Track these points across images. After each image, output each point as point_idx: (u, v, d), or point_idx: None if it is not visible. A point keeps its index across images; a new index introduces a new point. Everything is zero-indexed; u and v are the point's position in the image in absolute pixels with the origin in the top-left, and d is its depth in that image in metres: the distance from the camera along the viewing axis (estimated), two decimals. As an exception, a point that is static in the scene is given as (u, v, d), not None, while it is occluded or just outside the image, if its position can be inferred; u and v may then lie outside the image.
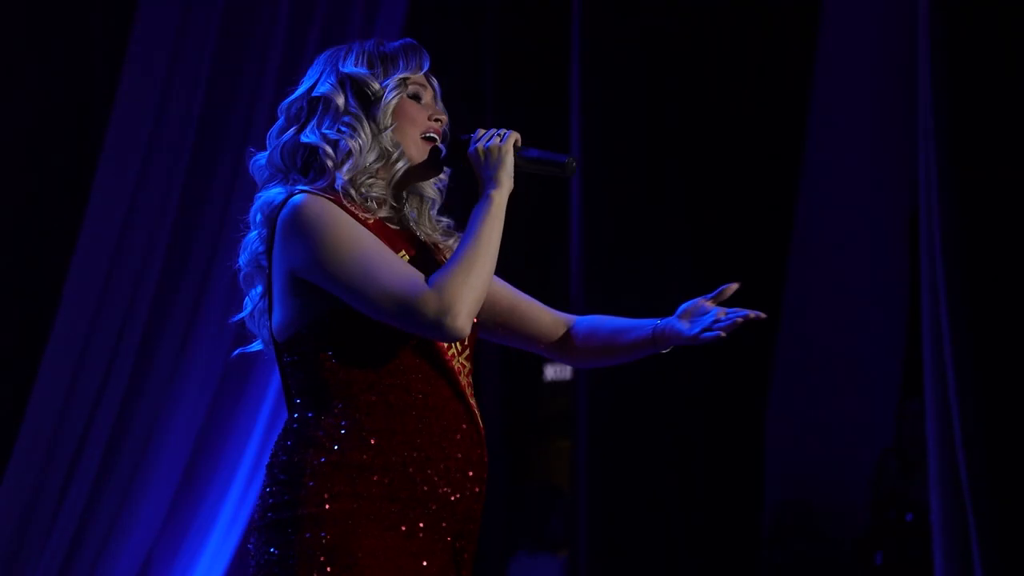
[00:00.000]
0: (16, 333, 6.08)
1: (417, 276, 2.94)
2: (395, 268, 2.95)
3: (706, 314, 3.24)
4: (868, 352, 7.31)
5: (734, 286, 3.27)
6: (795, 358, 7.27)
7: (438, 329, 2.93)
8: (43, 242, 6.15)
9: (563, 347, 3.32)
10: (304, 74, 3.20)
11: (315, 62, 3.19)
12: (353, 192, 3.06)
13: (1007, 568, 4.87)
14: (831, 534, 7.19)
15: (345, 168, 3.06)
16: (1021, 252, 5.04)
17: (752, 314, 3.19)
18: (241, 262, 3.14)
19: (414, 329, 2.96)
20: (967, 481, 4.90)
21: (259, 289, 3.13)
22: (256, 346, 3.19)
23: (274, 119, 5.87)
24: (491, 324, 3.27)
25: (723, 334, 3.18)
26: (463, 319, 2.92)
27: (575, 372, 6.97)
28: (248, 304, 3.16)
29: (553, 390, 9.11)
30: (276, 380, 5.97)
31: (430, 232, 3.19)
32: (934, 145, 5.02)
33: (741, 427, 7.24)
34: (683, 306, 3.27)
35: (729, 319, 3.19)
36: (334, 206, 3.01)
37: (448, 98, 3.27)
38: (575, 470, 6.90)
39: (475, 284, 2.94)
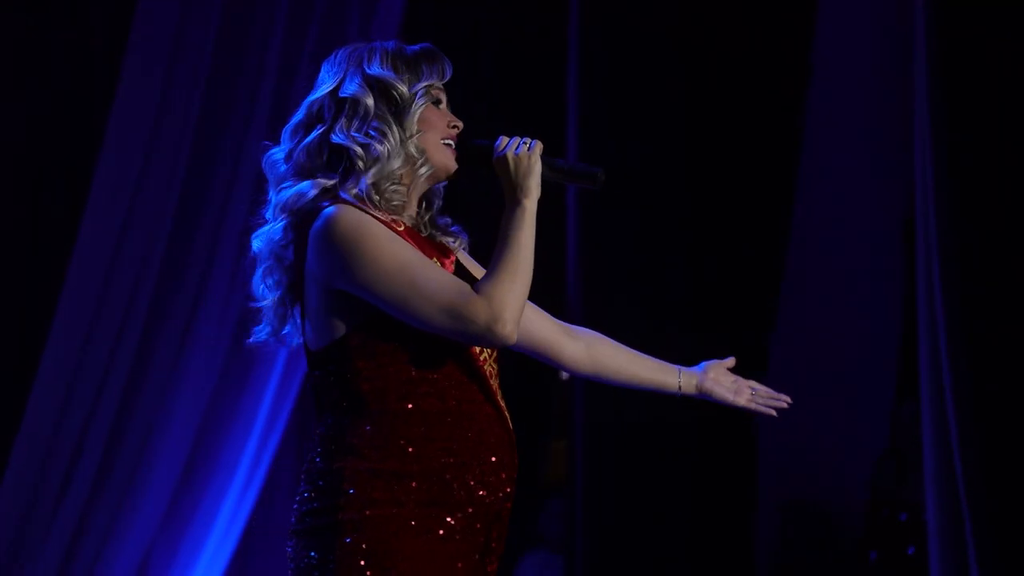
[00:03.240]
0: (15, 332, 6.07)
1: (463, 285, 3.01)
2: (440, 278, 3.01)
3: (730, 379, 3.56)
4: (864, 353, 7.31)
5: (732, 360, 3.58)
6: (791, 360, 7.27)
7: (488, 336, 2.99)
8: (43, 239, 6.14)
9: (563, 354, 3.45)
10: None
11: (333, 60, 3.21)
12: (376, 197, 3.09)
13: (1003, 569, 4.89)
14: (827, 535, 7.20)
15: (371, 172, 3.09)
16: (1016, 254, 5.05)
17: (781, 406, 3.63)
18: (263, 251, 3.16)
19: (463, 338, 3.02)
20: (963, 482, 4.91)
21: (275, 279, 3.16)
22: (262, 335, 3.21)
23: (274, 117, 5.81)
24: None
25: (775, 413, 3.61)
26: (512, 326, 2.98)
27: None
28: (266, 294, 3.18)
29: (547, 392, 9.10)
30: (276, 377, 5.97)
31: (434, 232, 3.23)
32: (931, 148, 5.03)
33: (737, 428, 7.24)
34: (705, 364, 3.55)
35: (766, 405, 3.61)
36: (369, 217, 3.04)
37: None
38: (572, 470, 6.91)
39: (520, 291, 3.01)
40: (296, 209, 3.09)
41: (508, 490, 3.10)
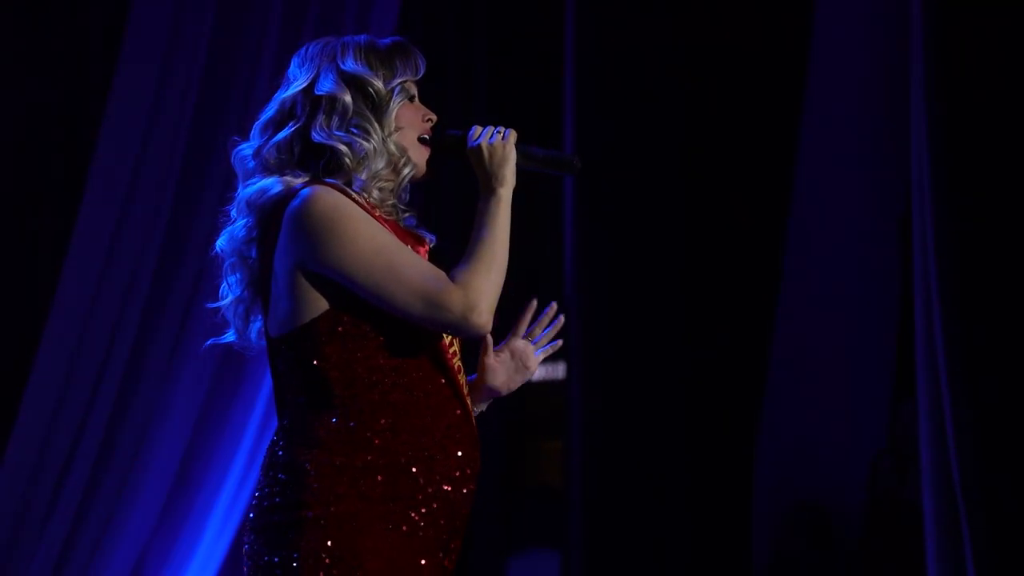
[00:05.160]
0: (9, 335, 6.06)
1: (440, 273, 2.95)
2: (417, 265, 2.95)
3: (506, 362, 3.28)
4: (861, 353, 7.30)
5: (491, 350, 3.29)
6: (788, 360, 7.26)
7: (463, 325, 2.94)
8: (37, 242, 6.13)
9: None
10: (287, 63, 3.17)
11: (304, 54, 3.14)
12: (365, 196, 3.04)
13: (999, 568, 4.88)
14: (824, 534, 7.19)
15: (364, 171, 3.04)
16: (1013, 253, 5.04)
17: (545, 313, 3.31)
18: (225, 250, 3.11)
19: (437, 325, 2.96)
20: (959, 481, 4.91)
21: (238, 276, 3.10)
22: (230, 336, 3.16)
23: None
24: None
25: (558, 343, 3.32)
26: (487, 316, 2.94)
27: (568, 371, 6.96)
28: (228, 293, 3.13)
29: (543, 391, 9.09)
30: (270, 379, 5.95)
31: (399, 222, 3.16)
32: (927, 146, 5.02)
33: (734, 427, 7.24)
34: (478, 372, 3.28)
35: (544, 333, 3.29)
36: (349, 200, 2.98)
37: (442, 95, 3.26)
38: (568, 471, 6.90)
39: (496, 281, 2.97)
40: (259, 205, 3.02)
41: (472, 487, 3.04)
